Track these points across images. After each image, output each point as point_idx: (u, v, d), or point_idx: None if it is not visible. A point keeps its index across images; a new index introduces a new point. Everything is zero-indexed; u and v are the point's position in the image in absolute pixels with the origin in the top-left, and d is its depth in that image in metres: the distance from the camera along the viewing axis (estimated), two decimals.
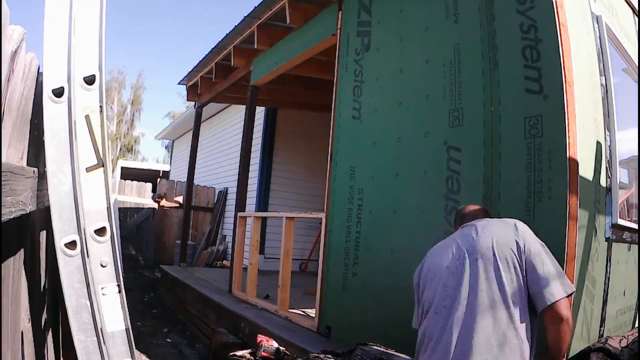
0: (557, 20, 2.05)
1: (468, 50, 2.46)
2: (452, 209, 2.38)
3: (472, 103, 2.40)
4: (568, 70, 2.03)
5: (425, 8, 2.79)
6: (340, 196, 3.20)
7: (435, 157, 2.53)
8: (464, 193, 2.36)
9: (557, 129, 2.00)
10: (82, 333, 1.50)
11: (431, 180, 2.55)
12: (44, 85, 1.53)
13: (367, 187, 2.99)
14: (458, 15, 2.55)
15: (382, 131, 2.97)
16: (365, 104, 3.13)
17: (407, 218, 2.68)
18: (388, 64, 3.01)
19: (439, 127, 2.55)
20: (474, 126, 2.37)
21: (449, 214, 2.40)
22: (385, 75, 3.02)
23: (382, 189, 2.90)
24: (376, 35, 3.14)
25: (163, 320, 5.15)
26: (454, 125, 2.47)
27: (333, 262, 3.19)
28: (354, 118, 3.20)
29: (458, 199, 2.38)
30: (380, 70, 3.06)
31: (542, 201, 2.01)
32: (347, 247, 3.07)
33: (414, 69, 2.80)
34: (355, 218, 3.05)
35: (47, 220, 1.63)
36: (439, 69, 2.60)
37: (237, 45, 4.88)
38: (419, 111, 2.72)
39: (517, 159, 2.12)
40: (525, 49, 2.15)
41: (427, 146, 2.62)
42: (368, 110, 3.11)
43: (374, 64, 3.13)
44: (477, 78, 2.38)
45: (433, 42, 2.70)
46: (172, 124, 13.05)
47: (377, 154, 2.97)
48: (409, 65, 2.85)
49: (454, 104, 2.49)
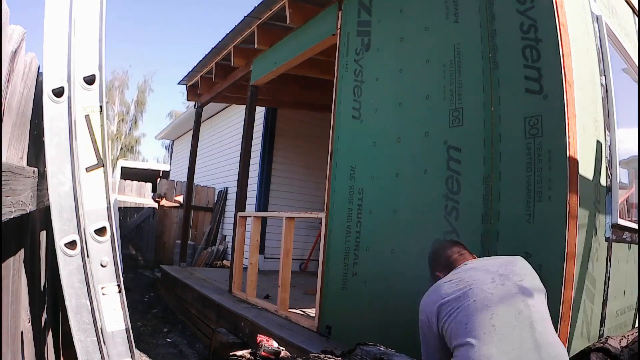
0: (557, 20, 2.05)
1: (468, 50, 2.46)
2: (452, 209, 2.39)
3: (472, 103, 2.40)
4: (568, 70, 2.03)
5: (425, 8, 2.79)
6: (340, 196, 3.20)
7: (435, 157, 2.53)
8: (464, 193, 2.36)
9: (557, 128, 2.00)
10: (82, 333, 1.50)
11: (431, 180, 2.55)
12: (43, 85, 1.53)
13: (367, 187, 2.99)
14: (458, 15, 2.55)
15: (382, 131, 2.97)
16: (365, 104, 3.13)
17: (407, 218, 2.67)
18: (388, 63, 3.01)
19: (439, 127, 2.55)
20: (474, 126, 2.37)
21: (448, 214, 2.40)
22: (385, 75, 3.02)
23: (382, 188, 2.90)
24: (376, 35, 3.14)
25: (163, 320, 5.15)
26: (454, 125, 2.47)
27: (333, 262, 3.19)
28: (354, 118, 3.20)
29: (458, 199, 2.38)
30: (380, 70, 3.06)
31: (542, 201, 2.01)
32: (347, 247, 3.07)
33: (414, 69, 2.81)
34: (355, 218, 3.05)
35: (47, 220, 1.64)
36: (439, 68, 2.60)
37: (237, 45, 4.88)
38: (419, 111, 2.72)
39: (517, 159, 2.12)
40: (525, 48, 2.15)
41: (427, 146, 2.61)
42: (368, 110, 3.11)
43: (374, 64, 3.13)
44: (477, 78, 2.38)
45: (433, 42, 2.69)
46: (172, 123, 13.05)
47: (377, 154, 2.97)
48: (409, 65, 2.85)
49: (454, 104, 2.49)
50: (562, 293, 1.89)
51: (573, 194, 1.94)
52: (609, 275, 2.41)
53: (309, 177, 7.56)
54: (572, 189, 1.94)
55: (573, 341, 2.03)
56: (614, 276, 2.48)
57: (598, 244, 2.30)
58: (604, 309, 2.39)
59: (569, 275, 1.90)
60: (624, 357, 1.97)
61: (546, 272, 1.93)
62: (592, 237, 2.23)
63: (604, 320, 2.39)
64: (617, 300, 2.63)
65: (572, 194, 1.93)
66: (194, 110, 7.00)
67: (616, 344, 2.04)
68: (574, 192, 1.94)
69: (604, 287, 2.39)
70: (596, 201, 2.29)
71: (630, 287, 2.82)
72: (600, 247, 2.34)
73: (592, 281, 2.26)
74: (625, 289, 2.78)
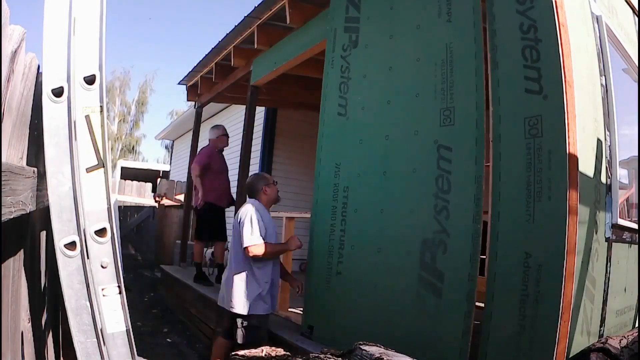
0: (557, 20, 2.05)
1: (461, 50, 2.44)
2: (442, 208, 2.38)
3: (464, 103, 2.39)
4: (568, 70, 2.03)
5: (417, 6, 2.76)
6: (324, 194, 3.14)
7: (425, 156, 2.51)
8: (454, 192, 2.35)
9: (557, 129, 2.00)
10: (82, 334, 1.50)
11: (420, 179, 2.53)
12: (43, 85, 1.53)
13: (352, 185, 2.95)
14: (451, 14, 2.53)
15: (369, 129, 2.93)
16: (351, 101, 3.08)
17: (395, 217, 2.64)
18: (377, 61, 2.97)
19: (429, 125, 2.53)
20: (466, 126, 2.36)
21: (438, 213, 2.40)
22: (373, 73, 2.98)
23: (368, 187, 2.86)
24: (365, 32, 3.09)
25: (163, 320, 5.15)
26: (445, 124, 2.45)
27: (316, 261, 3.14)
28: (339, 115, 3.14)
29: (448, 198, 2.37)
30: (369, 67, 3.02)
31: (542, 201, 2.01)
32: (331, 246, 3.01)
33: (404, 67, 2.78)
34: (339, 216, 2.99)
35: (47, 220, 1.63)
36: (430, 67, 2.57)
37: (237, 45, 4.87)
38: (409, 109, 2.69)
39: (517, 159, 2.12)
40: (525, 49, 2.15)
41: (416, 145, 2.59)
42: (355, 107, 3.06)
43: (361, 61, 3.08)
44: (470, 78, 2.37)
45: (424, 41, 2.67)
46: (172, 123, 13.04)
47: (364, 152, 2.92)
48: (398, 63, 2.82)
49: (445, 103, 2.47)
50: (562, 292, 1.88)
51: (573, 191, 1.93)
52: (609, 275, 2.41)
53: (309, 177, 7.47)
54: (572, 186, 1.93)
55: (573, 341, 2.03)
56: (614, 276, 2.48)
57: (598, 243, 2.30)
58: (604, 309, 2.39)
59: (569, 271, 1.90)
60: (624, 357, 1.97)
61: (546, 272, 1.94)
62: (592, 237, 2.23)
63: (604, 320, 2.39)
64: (618, 299, 2.63)
65: (572, 190, 1.93)
66: (194, 110, 7.00)
67: (616, 344, 2.04)
68: (574, 189, 1.94)
69: (604, 287, 2.39)
70: (596, 201, 2.29)
71: (631, 283, 2.82)
72: (600, 247, 2.34)
73: (592, 281, 2.26)
74: (627, 286, 2.78)
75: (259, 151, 7.32)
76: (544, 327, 1.91)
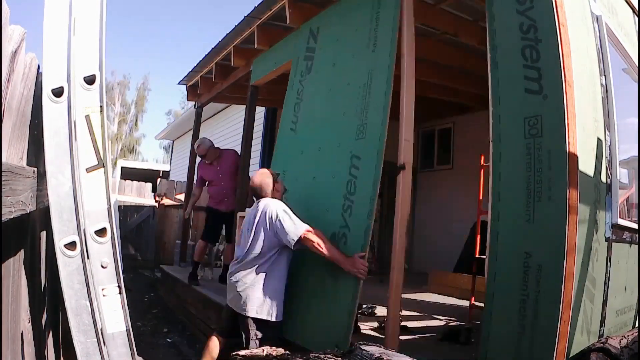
0: (557, 20, 2.05)
1: (378, 75, 2.84)
2: (347, 207, 2.79)
3: (374, 119, 2.77)
4: (568, 70, 2.03)
5: (354, 38, 3.18)
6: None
7: (342, 164, 2.92)
8: (358, 194, 2.75)
9: (556, 129, 1.99)
10: (82, 334, 1.50)
11: (337, 183, 2.93)
12: (43, 85, 1.53)
13: (290, 188, 3.30)
14: (376, 45, 2.94)
15: (309, 142, 3.44)
16: (301, 118, 3.62)
17: (316, 215, 2.97)
18: (322, 85, 3.47)
19: (348, 139, 2.95)
20: (373, 138, 2.74)
21: (345, 211, 2.79)
22: (318, 95, 3.49)
23: (302, 190, 3.31)
24: (317, 60, 3.60)
25: (163, 320, 5.16)
26: (359, 138, 2.87)
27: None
28: (291, 130, 3.68)
29: (353, 199, 2.77)
30: (316, 90, 3.54)
31: (542, 201, 2.01)
32: None
33: (339, 90, 3.23)
34: None
35: (47, 220, 1.63)
36: (356, 90, 2.99)
37: (237, 45, 4.87)
38: (337, 126, 3.15)
39: (517, 159, 2.12)
40: (525, 49, 2.15)
41: (338, 155, 3.02)
42: (302, 123, 3.60)
43: (312, 85, 3.59)
44: (381, 99, 2.75)
45: (355, 68, 3.09)
46: (172, 124, 13.06)
47: (303, 160, 3.44)
48: (335, 87, 3.29)
49: (361, 119, 2.88)
50: (562, 292, 1.88)
51: (573, 190, 1.93)
52: (609, 275, 2.41)
53: None
54: (572, 185, 1.93)
55: (573, 340, 2.03)
56: (614, 275, 2.48)
57: (598, 243, 2.30)
58: (604, 308, 2.39)
59: (569, 271, 1.89)
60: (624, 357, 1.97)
61: (546, 272, 1.93)
62: (592, 237, 2.23)
63: (604, 319, 2.39)
64: (618, 298, 2.64)
65: (572, 189, 1.93)
66: (194, 111, 7.00)
67: (616, 344, 2.04)
68: (574, 188, 1.93)
69: (604, 287, 2.39)
70: (596, 201, 2.29)
71: (632, 282, 2.82)
72: (600, 247, 2.34)
73: (592, 281, 2.26)
74: (627, 285, 2.78)
75: (259, 151, 7.32)
76: (544, 327, 1.91)
